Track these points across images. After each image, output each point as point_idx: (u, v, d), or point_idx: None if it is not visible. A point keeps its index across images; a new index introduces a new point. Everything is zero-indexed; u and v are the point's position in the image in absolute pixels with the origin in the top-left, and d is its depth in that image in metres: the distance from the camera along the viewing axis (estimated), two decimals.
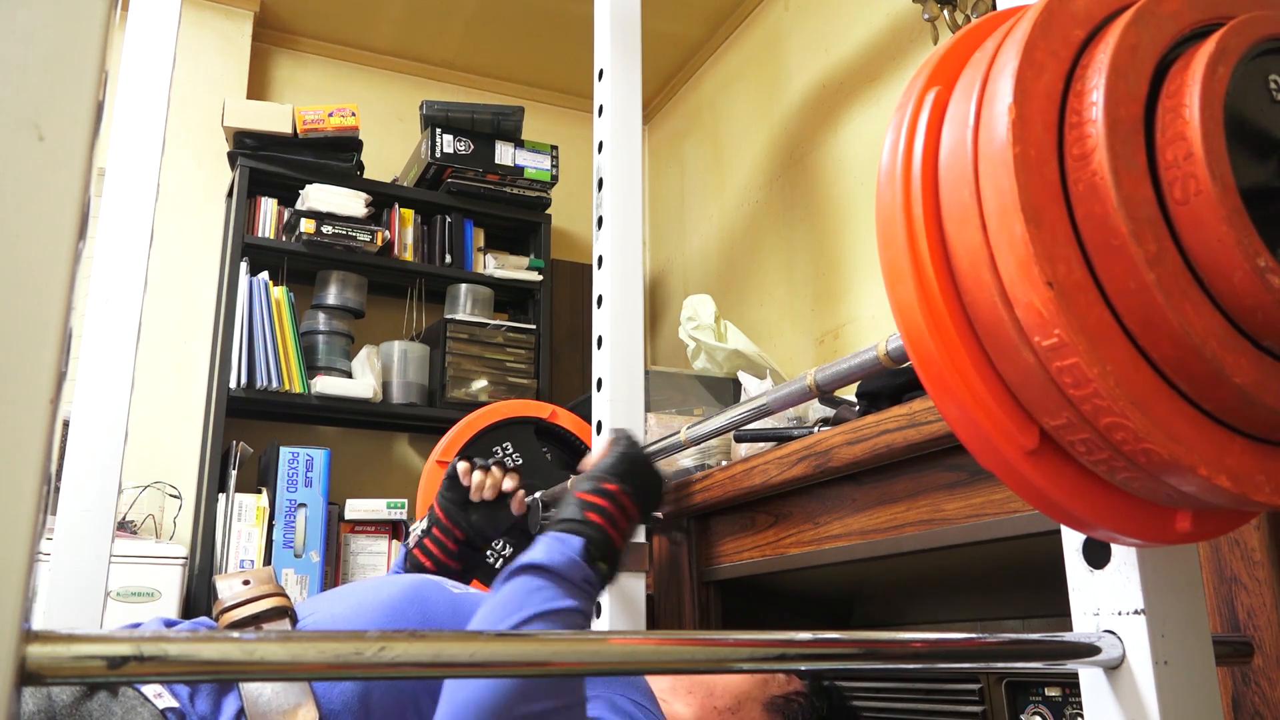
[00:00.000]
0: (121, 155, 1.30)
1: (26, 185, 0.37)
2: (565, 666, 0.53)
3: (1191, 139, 0.42)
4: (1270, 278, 0.41)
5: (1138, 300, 0.42)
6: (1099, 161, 0.42)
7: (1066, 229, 0.43)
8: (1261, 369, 0.42)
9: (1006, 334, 0.44)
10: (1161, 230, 0.42)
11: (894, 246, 0.49)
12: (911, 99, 0.52)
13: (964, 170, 0.46)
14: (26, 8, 0.39)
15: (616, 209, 1.57)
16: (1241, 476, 0.43)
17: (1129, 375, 0.42)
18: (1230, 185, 0.42)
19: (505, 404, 1.76)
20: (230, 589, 0.96)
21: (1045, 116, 0.44)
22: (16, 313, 0.36)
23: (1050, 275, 0.42)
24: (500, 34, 3.27)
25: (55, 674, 0.38)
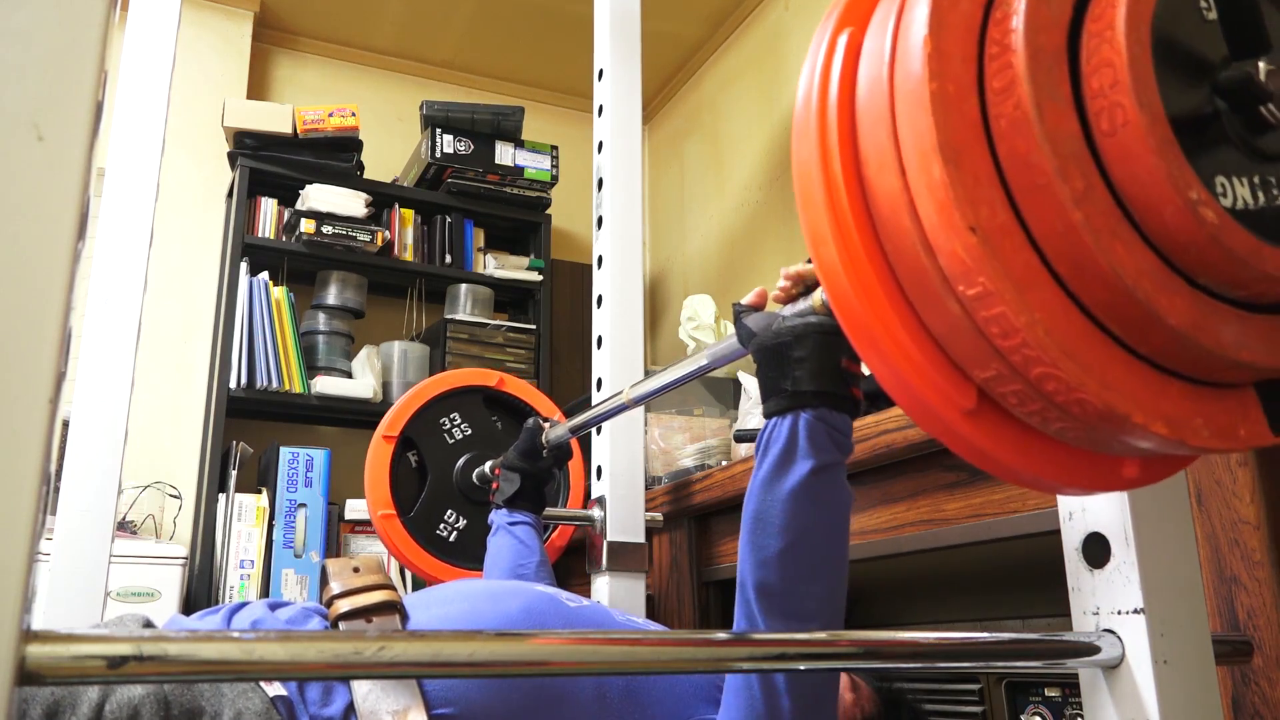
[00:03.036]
0: (121, 155, 1.30)
1: (26, 185, 0.37)
2: (565, 666, 0.53)
3: (1117, 65, 0.39)
4: (1203, 211, 0.39)
5: (1065, 242, 0.39)
6: (1020, 94, 0.40)
7: (989, 169, 0.40)
8: (1197, 308, 0.40)
9: (931, 285, 0.42)
10: (1088, 165, 0.40)
11: (813, 203, 0.47)
12: (823, 42, 0.49)
13: (881, 111, 0.43)
14: (26, 8, 0.39)
15: (616, 209, 1.57)
16: (1178, 421, 0.41)
17: (1058, 322, 0.40)
18: (1159, 114, 0.39)
19: (452, 374, 1.73)
20: (341, 576, 0.91)
21: (964, 49, 0.42)
22: (16, 313, 0.36)
23: (972, 219, 0.39)
24: (500, 34, 3.27)
25: (54, 674, 0.38)
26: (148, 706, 0.74)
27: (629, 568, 1.46)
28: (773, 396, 0.83)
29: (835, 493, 0.81)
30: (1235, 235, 0.39)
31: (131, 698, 0.74)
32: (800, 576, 0.78)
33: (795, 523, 0.79)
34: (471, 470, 1.63)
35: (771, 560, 0.79)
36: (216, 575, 2.39)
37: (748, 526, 0.83)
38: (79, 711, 0.72)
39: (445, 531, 1.61)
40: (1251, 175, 0.42)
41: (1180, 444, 0.42)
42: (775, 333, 0.84)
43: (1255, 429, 0.44)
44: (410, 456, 1.64)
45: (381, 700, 0.81)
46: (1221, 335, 0.40)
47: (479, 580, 1.34)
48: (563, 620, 0.98)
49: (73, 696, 0.72)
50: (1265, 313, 0.42)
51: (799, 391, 0.81)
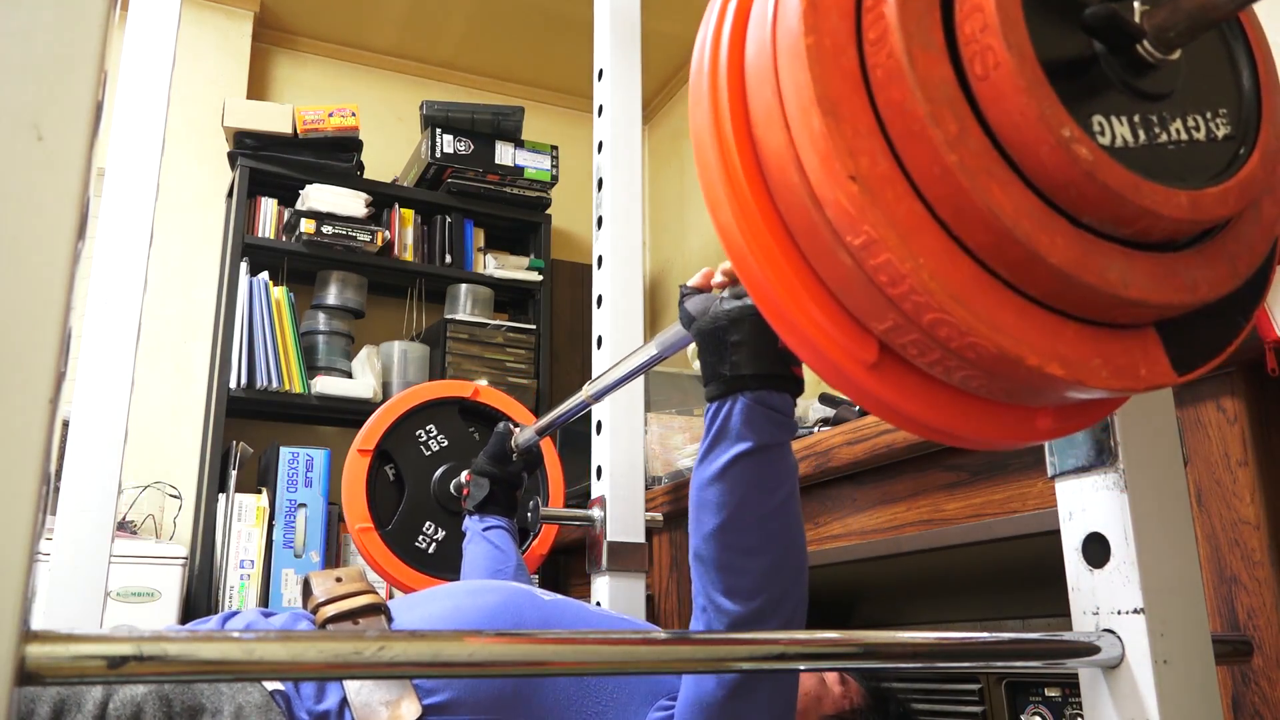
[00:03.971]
0: (121, 155, 1.30)
1: (26, 185, 0.37)
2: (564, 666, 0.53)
3: (986, 9, 0.39)
4: (1076, 149, 0.39)
5: (945, 187, 0.39)
6: (893, 43, 0.40)
7: (868, 119, 0.41)
8: (1080, 246, 0.40)
9: (821, 237, 0.42)
10: (963, 109, 0.40)
11: (708, 167, 0.47)
12: (714, 10, 0.49)
13: (766, 70, 0.44)
14: (26, 8, 0.39)
15: (616, 209, 1.57)
16: (1074, 362, 0.41)
17: (944, 267, 0.40)
18: (1029, 55, 0.39)
19: (426, 386, 1.73)
20: (324, 585, 0.95)
21: (841, 3, 0.42)
22: (16, 313, 0.36)
23: (853, 169, 0.40)
24: (500, 34, 3.27)
25: (54, 674, 0.38)
26: (150, 704, 0.75)
27: (629, 568, 1.46)
28: (712, 381, 0.83)
29: (774, 471, 0.81)
30: (1111, 171, 0.39)
31: (134, 695, 0.75)
32: (739, 551, 0.79)
33: (730, 499, 0.79)
34: (449, 481, 1.63)
35: (710, 536, 0.80)
36: (216, 575, 2.39)
37: (690, 508, 0.84)
38: (84, 709, 0.73)
39: (424, 543, 1.61)
40: (1132, 114, 0.42)
41: (1079, 385, 0.42)
42: (713, 317, 0.84)
43: (1157, 369, 0.44)
44: (388, 470, 1.63)
45: (374, 693, 0.83)
46: (1106, 273, 0.40)
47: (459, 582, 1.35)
48: (538, 612, 1.00)
49: (78, 695, 0.73)
50: (1152, 250, 0.42)
51: (737, 376, 0.81)
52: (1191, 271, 0.43)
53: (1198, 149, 0.44)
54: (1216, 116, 0.45)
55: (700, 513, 0.82)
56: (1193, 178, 0.43)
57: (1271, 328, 1.02)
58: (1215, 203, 0.42)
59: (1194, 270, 0.43)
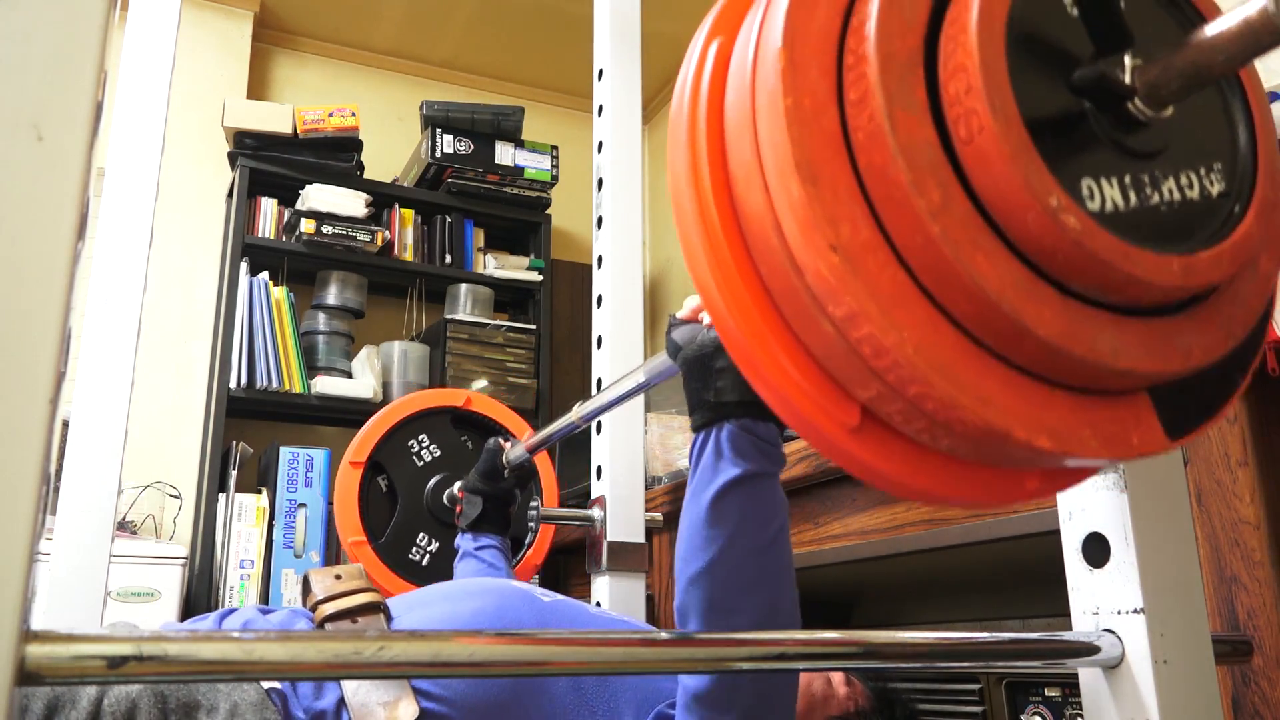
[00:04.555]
0: (121, 155, 1.30)
1: (26, 185, 0.37)
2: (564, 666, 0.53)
3: (970, 69, 0.38)
4: (1064, 218, 0.37)
5: (929, 256, 0.38)
6: (874, 105, 0.38)
7: (850, 183, 0.39)
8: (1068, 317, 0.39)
9: (802, 304, 0.41)
10: (946, 175, 0.38)
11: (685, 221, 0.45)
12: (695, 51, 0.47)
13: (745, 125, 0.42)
14: (26, 8, 0.39)
15: (616, 209, 1.57)
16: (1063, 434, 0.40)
17: (929, 340, 0.38)
18: (1014, 119, 0.38)
19: (417, 396, 1.71)
20: (323, 583, 0.95)
21: (822, 59, 0.40)
22: (16, 313, 0.36)
23: (833, 238, 0.38)
24: (500, 34, 3.27)
25: (54, 674, 0.38)
26: (145, 701, 0.75)
27: (629, 568, 1.46)
28: (698, 409, 0.81)
29: (766, 502, 0.78)
30: (1100, 240, 0.38)
31: (129, 692, 0.75)
32: (734, 589, 0.76)
33: (722, 533, 0.77)
34: (442, 492, 1.61)
35: (700, 575, 0.77)
36: (216, 575, 2.39)
37: (679, 542, 0.81)
38: (79, 706, 0.73)
39: (418, 555, 1.60)
40: (1123, 175, 0.41)
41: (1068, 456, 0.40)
42: (699, 344, 0.82)
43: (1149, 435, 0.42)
44: (380, 481, 1.62)
45: (372, 693, 0.83)
46: (1096, 343, 0.39)
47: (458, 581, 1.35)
48: (535, 612, 0.99)
49: (72, 692, 0.73)
50: (1143, 316, 0.41)
51: (722, 403, 0.79)
52: (1185, 337, 0.41)
53: (1191, 208, 0.42)
54: (1210, 172, 0.43)
55: (689, 552, 0.79)
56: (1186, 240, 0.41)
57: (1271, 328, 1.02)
58: (1209, 267, 0.41)
59: (1188, 335, 0.42)
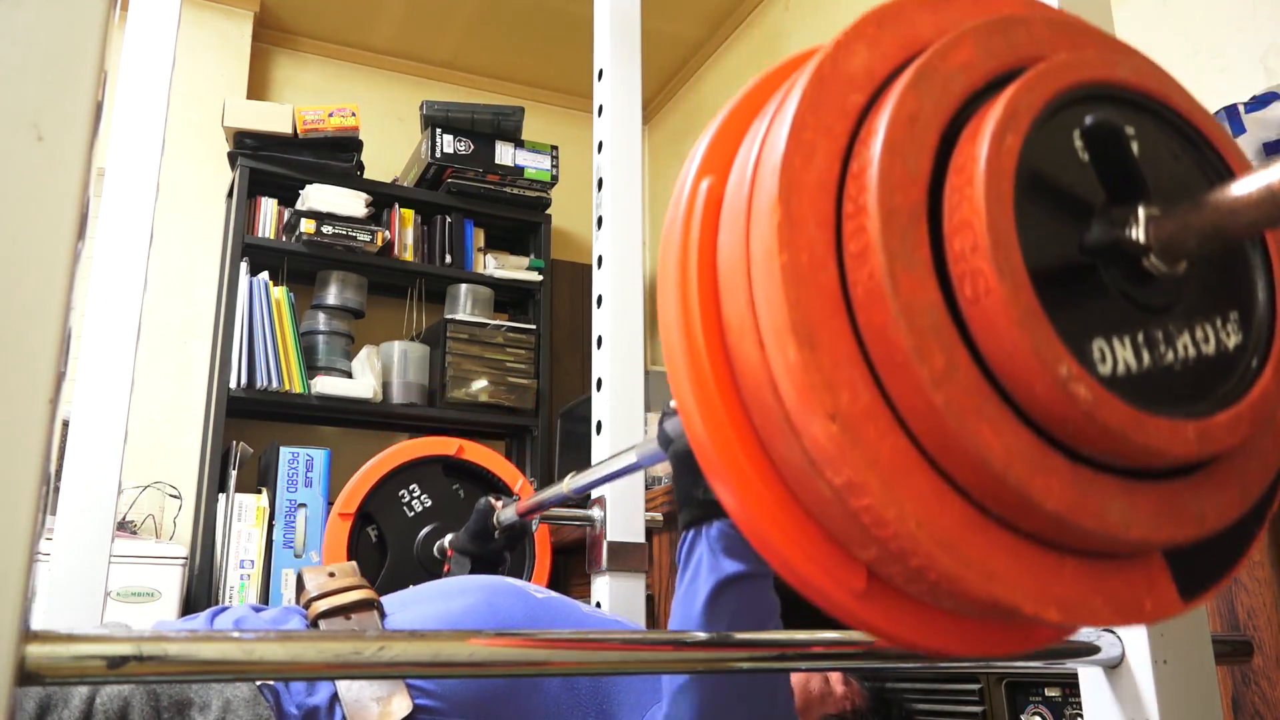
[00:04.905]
0: (121, 155, 1.30)
1: (26, 185, 0.37)
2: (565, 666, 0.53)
3: (976, 227, 0.36)
4: (1075, 388, 0.35)
5: (931, 423, 0.36)
6: (874, 262, 0.36)
7: (849, 345, 0.37)
8: (1077, 487, 0.36)
9: (800, 466, 0.38)
10: (951, 338, 0.36)
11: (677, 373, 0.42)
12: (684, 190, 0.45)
13: (739, 276, 0.40)
14: (26, 8, 0.39)
15: (616, 209, 1.57)
16: (1073, 604, 0.37)
17: (932, 512, 0.36)
18: (1022, 281, 0.35)
19: (408, 445, 1.68)
20: (317, 580, 0.94)
21: (819, 210, 0.38)
22: (16, 313, 0.36)
23: (831, 406, 0.36)
24: (500, 34, 3.27)
25: (54, 674, 0.38)
26: (138, 698, 0.74)
27: (629, 568, 1.46)
28: (686, 506, 0.79)
29: (757, 605, 0.77)
30: (1112, 410, 0.36)
31: (122, 690, 0.75)
32: (723, 699, 0.75)
33: None
34: (433, 543, 1.58)
35: (691, 682, 0.76)
36: (216, 575, 2.39)
37: None
38: (70, 704, 0.72)
39: None
40: (1135, 333, 0.38)
41: (1078, 626, 0.39)
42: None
43: (1163, 599, 0.40)
44: (370, 531, 1.59)
45: (366, 688, 0.82)
46: (1106, 514, 0.37)
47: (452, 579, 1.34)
48: (527, 608, 0.99)
49: (65, 690, 0.73)
50: (1157, 479, 0.39)
51: (712, 500, 0.77)
52: (1200, 501, 0.39)
53: (1206, 363, 0.40)
54: (1226, 323, 0.41)
55: None
56: (1202, 399, 0.39)
57: None
58: (1225, 432, 0.39)
59: (1202, 499, 0.39)
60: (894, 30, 0.40)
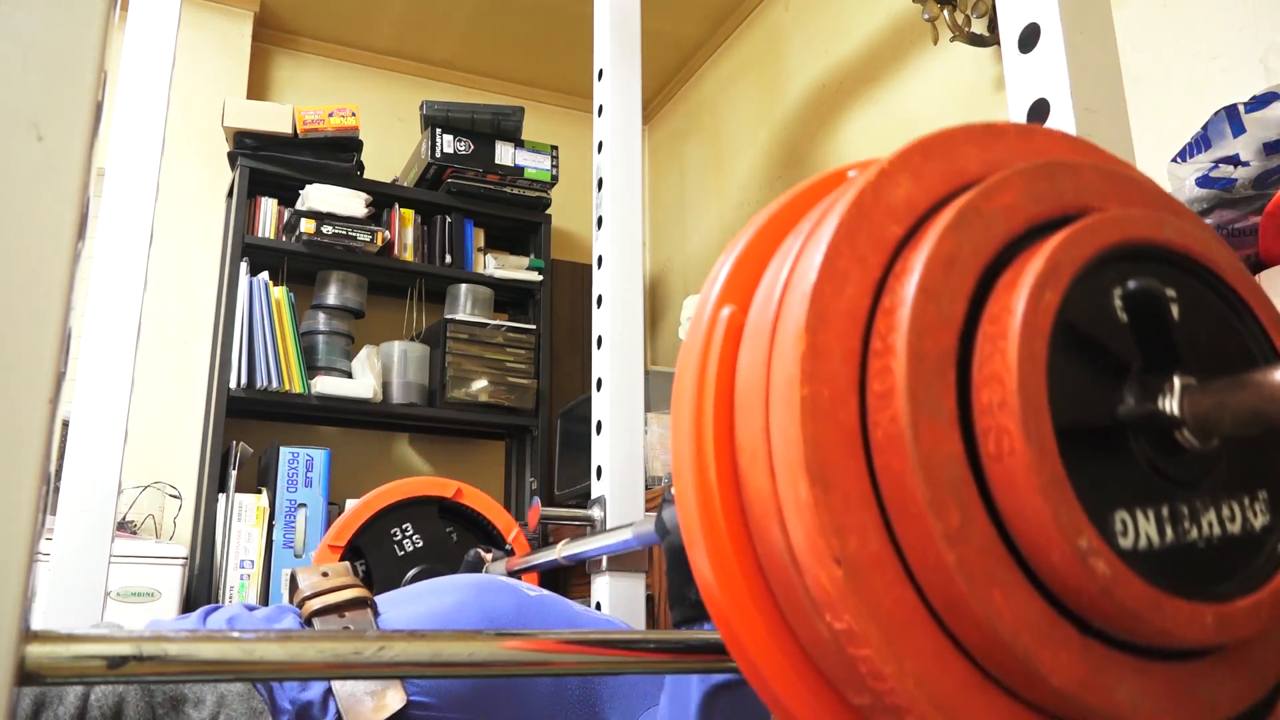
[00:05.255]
0: (121, 155, 1.30)
1: (26, 185, 0.37)
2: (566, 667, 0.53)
3: (1007, 384, 0.34)
4: (1094, 562, 0.34)
5: (941, 579, 0.34)
6: (898, 405, 0.35)
7: (863, 487, 0.35)
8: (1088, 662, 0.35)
9: (801, 603, 0.37)
10: (969, 494, 0.35)
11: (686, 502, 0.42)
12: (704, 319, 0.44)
13: (757, 401, 0.39)
14: (26, 8, 0.39)
15: (616, 209, 1.57)
16: None
17: (932, 671, 0.35)
18: (1049, 446, 0.34)
19: (405, 483, 1.66)
20: (310, 579, 0.94)
21: (846, 343, 0.36)
22: (16, 313, 0.36)
23: (839, 550, 0.34)
24: (500, 34, 3.27)
25: (54, 674, 0.38)
26: (132, 695, 0.74)
27: (629, 567, 1.46)
28: (678, 605, 0.78)
29: (747, 713, 0.75)
30: (1130, 588, 0.34)
31: (117, 687, 0.74)
32: None
33: None
34: None
35: None
36: (216, 575, 2.39)
37: None
38: (66, 702, 0.72)
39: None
40: (1160, 506, 0.37)
41: None
42: None
43: None
44: (358, 566, 1.56)
45: (360, 683, 0.82)
46: (1115, 694, 0.35)
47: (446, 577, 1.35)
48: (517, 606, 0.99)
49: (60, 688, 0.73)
50: (1169, 660, 0.37)
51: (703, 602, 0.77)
52: (1212, 687, 0.38)
53: (1231, 544, 0.38)
54: (1255, 502, 0.39)
55: None
56: (1223, 580, 0.38)
57: None
58: (1244, 619, 0.37)
59: (1214, 685, 0.38)
60: (939, 163, 0.39)
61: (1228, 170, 1.12)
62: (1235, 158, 1.12)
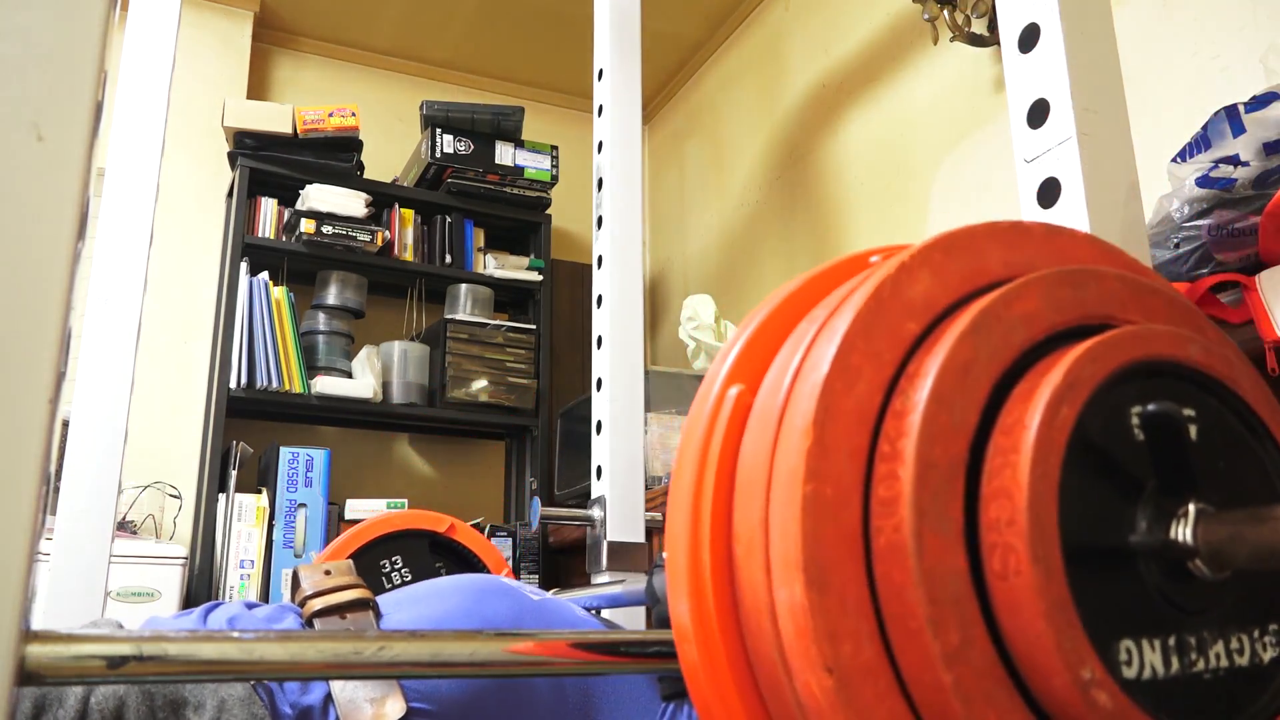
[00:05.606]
0: (121, 155, 1.30)
1: (26, 185, 0.37)
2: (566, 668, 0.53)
3: (1016, 501, 0.33)
4: (1096, 694, 0.32)
5: (935, 698, 0.33)
6: (903, 514, 0.34)
7: (861, 592, 0.34)
8: None
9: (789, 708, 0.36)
10: (971, 612, 0.34)
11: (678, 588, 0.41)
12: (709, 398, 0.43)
13: (758, 489, 0.38)
14: (26, 8, 0.39)
15: (616, 209, 1.57)
16: None
17: None
18: (1056, 570, 0.33)
19: (399, 514, 1.65)
20: (312, 578, 0.94)
21: (853, 440, 0.35)
22: (16, 313, 0.36)
23: (831, 658, 0.33)
24: (500, 34, 3.27)
25: (55, 674, 0.38)
26: (133, 698, 0.74)
27: (629, 567, 1.46)
28: (666, 679, 0.76)
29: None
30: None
31: (117, 690, 0.75)
32: None
33: None
34: None
35: None
36: (216, 575, 2.39)
37: None
38: (66, 704, 0.72)
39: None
40: (1166, 636, 0.36)
41: None
42: None
43: None
44: None
45: (360, 689, 0.82)
46: None
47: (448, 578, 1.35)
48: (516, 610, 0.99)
49: (60, 690, 0.73)
50: None
51: None
52: None
53: (1237, 677, 0.37)
54: (1264, 634, 0.38)
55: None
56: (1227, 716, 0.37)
57: (1271, 328, 1.02)
58: None
59: None
60: (961, 260, 0.39)
61: (1228, 170, 1.12)
62: (1235, 158, 1.12)
